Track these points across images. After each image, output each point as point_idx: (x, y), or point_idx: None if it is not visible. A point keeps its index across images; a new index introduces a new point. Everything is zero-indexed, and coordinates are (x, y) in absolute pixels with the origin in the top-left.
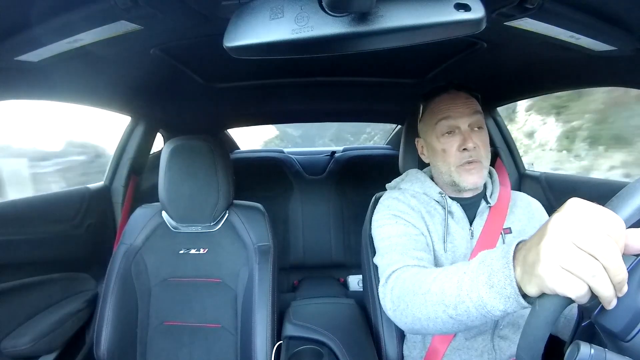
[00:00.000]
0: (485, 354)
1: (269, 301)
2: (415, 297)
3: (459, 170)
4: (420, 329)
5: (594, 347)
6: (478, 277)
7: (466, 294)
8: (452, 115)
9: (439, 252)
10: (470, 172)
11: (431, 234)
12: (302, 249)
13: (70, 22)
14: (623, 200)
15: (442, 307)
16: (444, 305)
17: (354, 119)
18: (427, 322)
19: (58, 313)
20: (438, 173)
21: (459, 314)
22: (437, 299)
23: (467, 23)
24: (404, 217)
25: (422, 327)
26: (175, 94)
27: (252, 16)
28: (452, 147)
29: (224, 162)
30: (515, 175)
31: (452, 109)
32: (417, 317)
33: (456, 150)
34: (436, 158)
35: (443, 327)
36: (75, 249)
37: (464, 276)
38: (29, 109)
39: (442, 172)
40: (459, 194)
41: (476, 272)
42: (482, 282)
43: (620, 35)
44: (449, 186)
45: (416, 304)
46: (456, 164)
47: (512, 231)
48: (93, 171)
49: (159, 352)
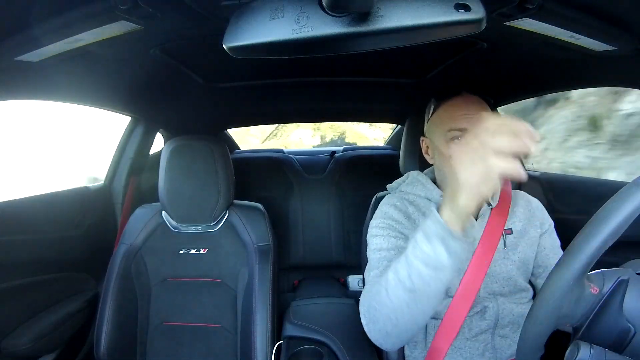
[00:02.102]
0: (486, 352)
1: (269, 301)
2: (379, 295)
3: None
4: (393, 332)
5: (594, 347)
6: (417, 239)
7: (412, 257)
8: (465, 124)
9: None
10: None
11: None
12: (302, 249)
13: (70, 22)
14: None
15: (399, 286)
16: (399, 282)
17: (354, 119)
18: (395, 314)
19: (58, 313)
20: (443, 177)
21: (414, 282)
22: (393, 281)
23: (467, 23)
24: (398, 227)
25: (394, 325)
26: (175, 94)
27: (252, 16)
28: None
29: (224, 162)
30: None
31: (466, 117)
32: (386, 314)
33: None
34: (443, 163)
35: (410, 312)
36: (75, 249)
37: (407, 250)
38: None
39: (447, 177)
40: None
41: (415, 239)
42: (420, 240)
43: (620, 35)
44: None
45: (381, 301)
46: None
47: (513, 231)
48: None
49: (159, 352)
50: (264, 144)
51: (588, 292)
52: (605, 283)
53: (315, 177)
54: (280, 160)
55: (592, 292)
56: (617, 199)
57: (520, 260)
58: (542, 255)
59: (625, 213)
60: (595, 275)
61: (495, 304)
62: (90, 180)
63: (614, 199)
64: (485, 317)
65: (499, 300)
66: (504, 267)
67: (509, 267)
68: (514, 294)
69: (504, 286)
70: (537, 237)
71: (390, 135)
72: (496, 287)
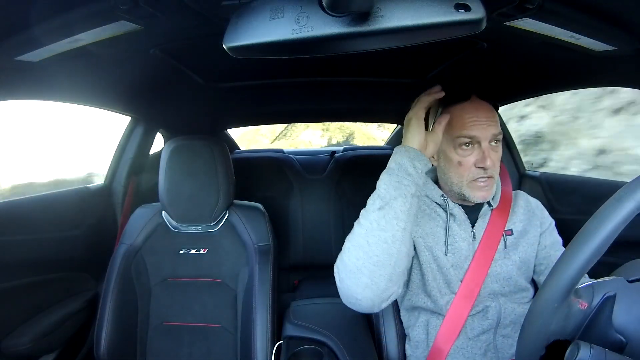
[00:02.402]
0: (488, 352)
1: (269, 301)
2: (352, 234)
3: (470, 185)
4: (365, 266)
5: (594, 347)
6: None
7: (380, 181)
8: (476, 132)
9: (439, 255)
10: (481, 189)
11: (429, 238)
12: (302, 249)
13: (70, 22)
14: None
15: (370, 209)
16: (371, 206)
17: (354, 119)
18: (366, 238)
19: (58, 313)
20: (448, 182)
21: (382, 197)
22: (364, 212)
23: (467, 23)
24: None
25: (365, 253)
26: (175, 94)
27: (252, 16)
28: (468, 162)
29: (224, 162)
30: (515, 176)
31: (476, 125)
32: (358, 244)
33: (472, 165)
34: (449, 168)
35: (381, 229)
36: (75, 249)
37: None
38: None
39: (453, 182)
40: (463, 201)
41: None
42: (380, 182)
43: (620, 35)
44: (455, 195)
45: (353, 237)
46: (470, 179)
47: (514, 232)
48: None
49: (159, 352)
50: (273, 143)
51: (576, 308)
52: (594, 297)
53: (315, 177)
54: (281, 160)
55: (581, 308)
56: (598, 218)
57: (520, 260)
58: (542, 252)
59: (605, 234)
60: (584, 290)
61: (497, 303)
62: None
63: (596, 216)
64: (488, 317)
65: (500, 300)
66: (504, 267)
67: (509, 267)
68: (514, 294)
69: (504, 286)
70: (538, 236)
71: (390, 135)
72: (497, 287)
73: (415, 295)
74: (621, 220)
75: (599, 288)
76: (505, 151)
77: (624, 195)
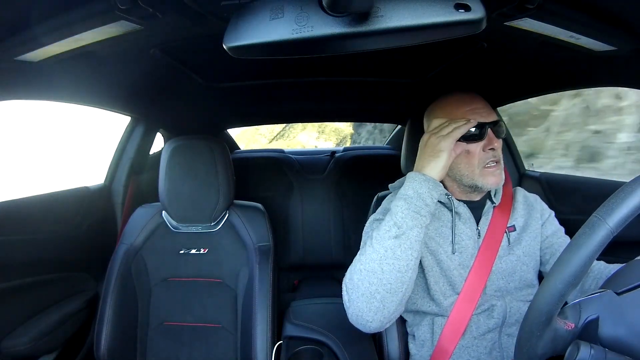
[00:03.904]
0: (493, 351)
1: (269, 301)
2: (364, 255)
3: (482, 172)
4: (378, 291)
5: (594, 347)
6: (395, 199)
7: (394, 205)
8: (479, 118)
9: (445, 255)
10: (493, 174)
11: (432, 241)
12: (302, 249)
13: (70, 22)
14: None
15: (385, 236)
16: (386, 233)
17: (354, 119)
18: (380, 265)
19: (58, 313)
20: (457, 176)
21: (399, 225)
22: (378, 237)
23: (467, 23)
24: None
25: (379, 280)
26: (175, 94)
27: (252, 16)
28: (476, 148)
29: (224, 162)
30: (515, 175)
31: (477, 112)
32: (371, 269)
33: (480, 151)
34: (457, 161)
35: (395, 257)
36: (75, 249)
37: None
38: None
39: (463, 175)
40: (467, 197)
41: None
42: (398, 197)
43: (620, 35)
44: (464, 188)
45: (365, 260)
46: (481, 165)
47: (516, 228)
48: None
49: (159, 352)
50: (271, 143)
51: (562, 330)
52: (581, 315)
53: (315, 177)
54: (281, 160)
55: (567, 329)
56: (573, 246)
57: (525, 255)
58: (546, 242)
59: (580, 262)
60: (571, 309)
61: (502, 302)
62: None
63: (571, 245)
64: (493, 316)
65: (506, 298)
66: (509, 263)
67: (514, 263)
68: (520, 290)
69: (510, 282)
70: (539, 228)
71: (390, 135)
72: (502, 284)
73: (420, 299)
74: (595, 249)
75: (585, 306)
76: (505, 151)
77: (597, 221)
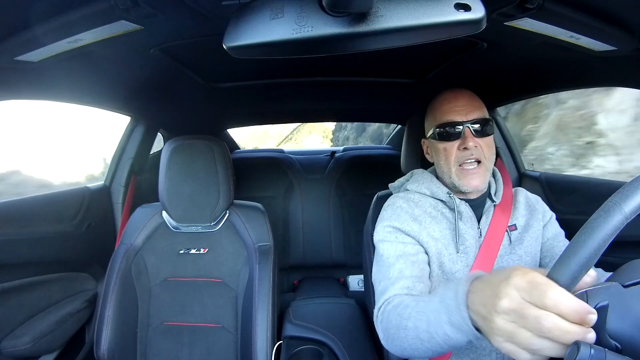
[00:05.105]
0: (493, 352)
1: (269, 301)
2: (398, 332)
3: (459, 172)
4: (410, 356)
5: (594, 347)
6: (440, 316)
7: (434, 331)
8: (456, 117)
9: (449, 256)
10: (470, 174)
11: (439, 240)
12: (302, 249)
13: (70, 22)
14: (563, 266)
15: (418, 341)
16: (419, 340)
17: (354, 119)
18: (411, 351)
19: (58, 313)
20: (441, 174)
21: (433, 345)
22: (413, 335)
23: (467, 23)
24: (405, 230)
25: (410, 355)
26: (175, 94)
27: (252, 16)
28: (452, 146)
29: (224, 162)
30: (515, 175)
31: (455, 110)
32: (403, 347)
33: (456, 149)
34: (438, 158)
35: (426, 354)
36: (75, 249)
37: (430, 315)
38: None
39: (444, 172)
40: (464, 196)
41: (438, 312)
42: (444, 321)
43: (620, 35)
44: (452, 189)
45: (399, 338)
46: (456, 163)
47: (517, 227)
48: None
49: (159, 352)
50: (280, 146)
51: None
52: (588, 304)
53: (315, 177)
54: (281, 160)
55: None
56: (586, 230)
57: (526, 254)
58: (546, 245)
59: (592, 248)
60: (578, 298)
61: None
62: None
63: (583, 229)
64: None
65: None
66: (510, 262)
67: (515, 262)
68: None
69: None
70: (541, 229)
71: (390, 135)
72: None
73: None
74: (610, 232)
75: (592, 296)
76: (505, 151)
77: (612, 206)
